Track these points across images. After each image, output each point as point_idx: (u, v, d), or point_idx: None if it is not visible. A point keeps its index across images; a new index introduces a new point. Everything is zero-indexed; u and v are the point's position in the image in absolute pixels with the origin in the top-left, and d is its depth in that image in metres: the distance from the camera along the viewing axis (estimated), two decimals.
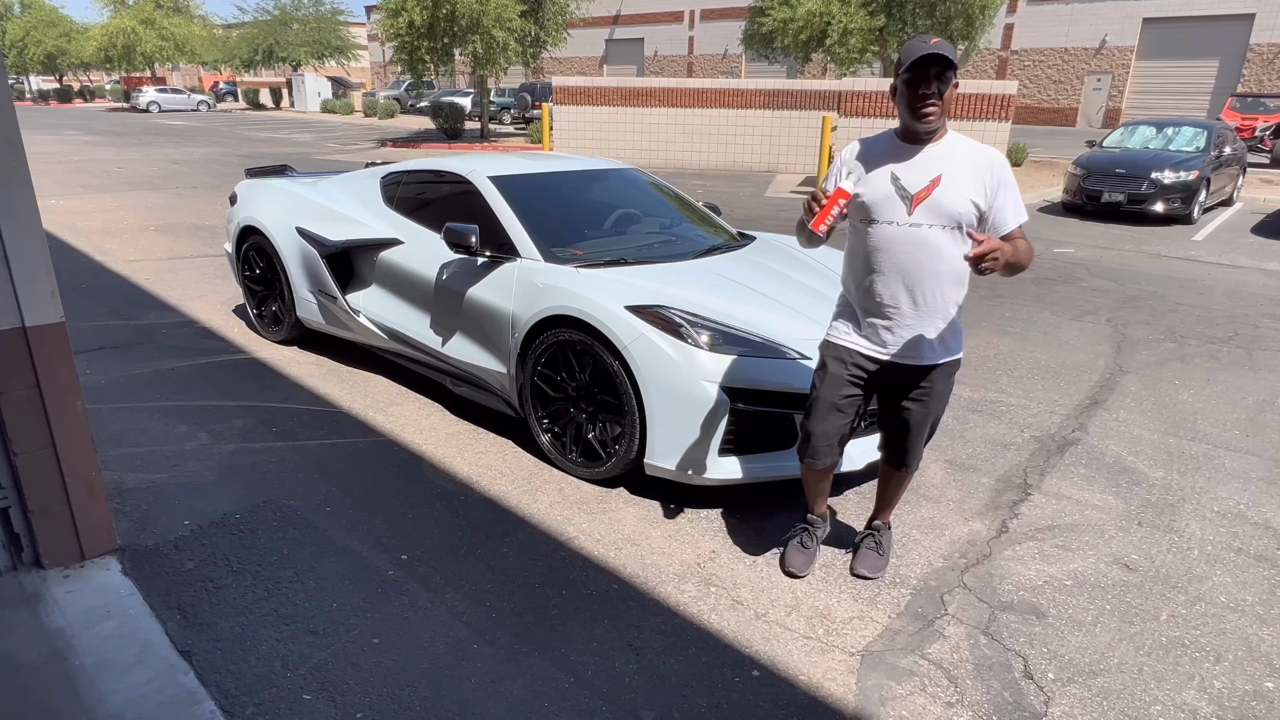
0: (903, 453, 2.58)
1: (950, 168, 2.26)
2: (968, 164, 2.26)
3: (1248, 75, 26.51)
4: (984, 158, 2.29)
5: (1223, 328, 5.80)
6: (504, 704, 2.10)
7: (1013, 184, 2.29)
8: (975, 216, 2.26)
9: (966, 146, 2.31)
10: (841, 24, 17.35)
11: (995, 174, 2.26)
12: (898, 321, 2.36)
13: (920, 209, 2.26)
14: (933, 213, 2.25)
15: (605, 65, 41.27)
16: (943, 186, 2.24)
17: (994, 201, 2.26)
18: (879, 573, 2.71)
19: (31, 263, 2.25)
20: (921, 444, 2.56)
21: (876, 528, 2.78)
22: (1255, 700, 2.19)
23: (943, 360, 2.40)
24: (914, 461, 2.59)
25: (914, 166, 2.28)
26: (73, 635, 2.21)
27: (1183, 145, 11.34)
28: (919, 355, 2.38)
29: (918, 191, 2.26)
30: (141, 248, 7.53)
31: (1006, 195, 2.27)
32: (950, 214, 2.25)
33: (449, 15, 18.68)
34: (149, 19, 42.68)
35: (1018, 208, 2.30)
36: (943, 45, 2.13)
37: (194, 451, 3.46)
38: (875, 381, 2.46)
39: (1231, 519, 3.16)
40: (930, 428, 2.53)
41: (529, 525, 2.97)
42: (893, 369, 2.42)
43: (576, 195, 4.38)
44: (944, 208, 2.24)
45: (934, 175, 2.26)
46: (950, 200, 2.24)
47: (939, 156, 2.27)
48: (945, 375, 2.44)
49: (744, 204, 11.68)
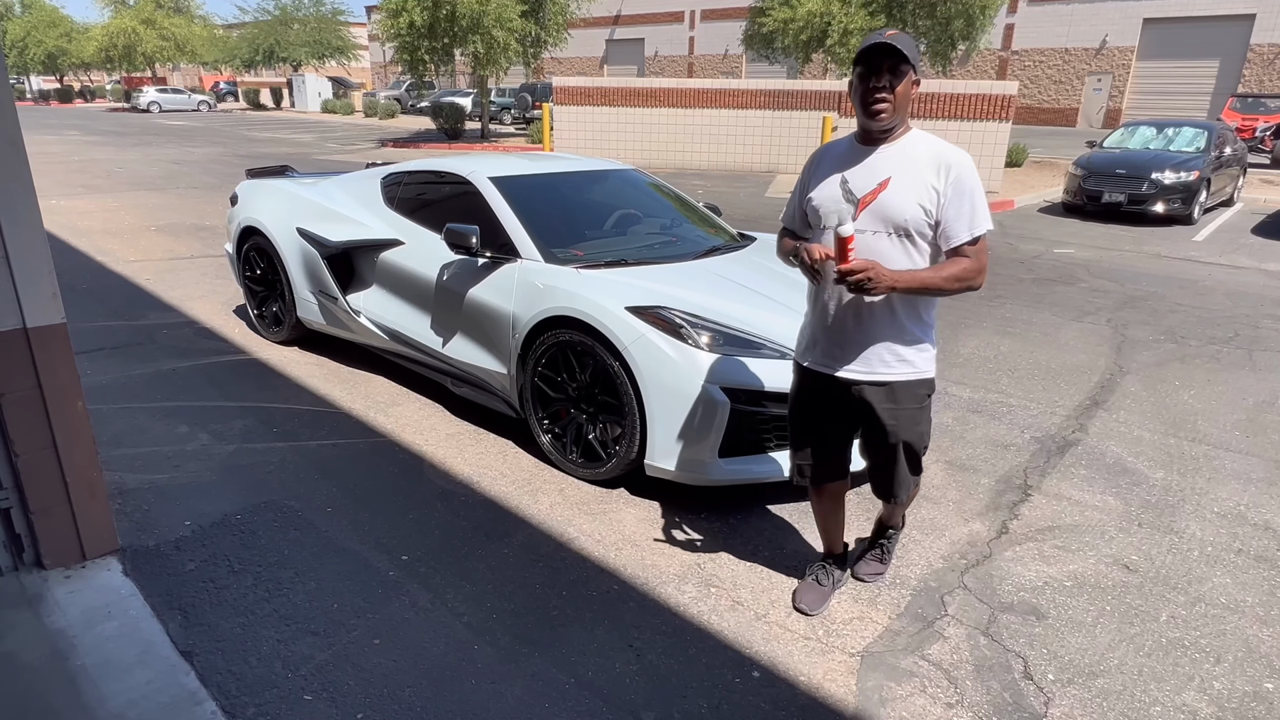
0: (883, 481, 2.39)
1: (902, 169, 2.06)
2: (922, 164, 2.05)
3: (1248, 76, 26.51)
4: (941, 158, 2.05)
5: (1223, 328, 5.80)
6: (504, 704, 2.10)
7: (970, 190, 2.04)
8: (927, 224, 2.06)
9: (926, 146, 2.08)
10: (842, 24, 17.36)
11: (951, 176, 2.03)
12: (844, 336, 2.18)
13: (865, 214, 2.07)
14: (877, 218, 2.06)
15: (606, 65, 41.28)
16: (890, 189, 2.05)
17: (945, 207, 2.04)
18: (879, 577, 2.68)
19: (33, 263, 2.25)
20: (900, 472, 2.32)
21: (883, 533, 2.71)
22: (1255, 701, 2.19)
23: (902, 377, 2.18)
24: (900, 491, 2.37)
25: (865, 169, 2.10)
26: (74, 636, 2.21)
27: (1183, 146, 11.35)
28: (869, 369, 2.18)
29: (864, 195, 2.08)
30: (142, 248, 7.54)
31: (960, 203, 2.03)
32: (895, 220, 2.05)
33: (449, 15, 18.68)
34: (149, 19, 42.71)
35: (973, 218, 2.04)
36: (899, 38, 1.98)
37: (195, 452, 3.46)
38: (839, 399, 2.27)
39: (1232, 520, 3.16)
40: (908, 455, 2.29)
41: (529, 526, 2.97)
42: (844, 386, 2.23)
43: (577, 196, 4.38)
44: (888, 213, 2.05)
45: (883, 177, 2.07)
46: (896, 204, 2.04)
47: (893, 157, 2.08)
48: (911, 395, 2.21)
49: (744, 204, 11.68)
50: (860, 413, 2.27)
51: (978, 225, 2.04)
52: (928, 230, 2.07)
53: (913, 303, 2.15)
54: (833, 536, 2.59)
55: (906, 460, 2.31)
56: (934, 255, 2.12)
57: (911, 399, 2.22)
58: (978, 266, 2.07)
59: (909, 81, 2.02)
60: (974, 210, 2.04)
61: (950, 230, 2.05)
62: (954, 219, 2.04)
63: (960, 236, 2.04)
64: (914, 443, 2.28)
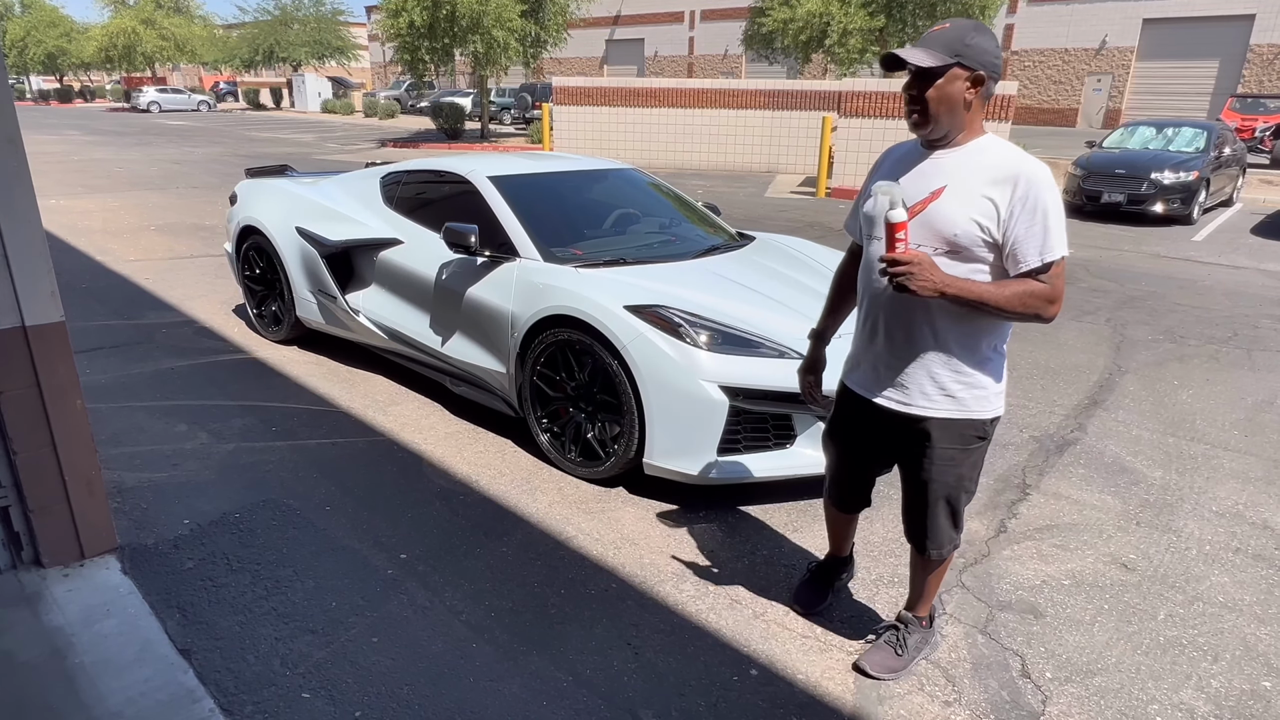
0: (913, 526, 2.14)
1: (960, 178, 1.81)
2: (984, 175, 1.79)
3: (1248, 76, 26.51)
4: (1008, 168, 1.78)
5: (1222, 328, 5.80)
6: (502, 702, 2.10)
7: (1044, 207, 1.75)
8: (982, 241, 1.79)
9: (993, 154, 1.81)
10: (841, 24, 17.37)
11: (1020, 191, 1.75)
12: (880, 359, 1.99)
13: (914, 225, 1.81)
14: (924, 231, 1.82)
15: (605, 65, 41.28)
16: (942, 200, 1.81)
17: (1011, 226, 1.76)
18: (890, 674, 2.22)
19: (32, 262, 2.25)
20: (933, 522, 2.07)
21: (904, 620, 2.29)
22: (1252, 699, 2.20)
23: (943, 414, 1.94)
24: (930, 545, 2.11)
25: (919, 174, 1.87)
26: (72, 634, 2.21)
27: (1182, 146, 11.35)
28: (906, 400, 1.97)
29: (914, 204, 1.84)
30: (142, 247, 7.54)
31: (1031, 222, 1.74)
32: (944, 233, 1.80)
33: (449, 15, 18.70)
34: (149, 19, 42.76)
35: (1046, 240, 1.75)
36: (915, 45, 1.80)
37: (194, 451, 3.46)
38: (877, 427, 2.08)
39: (1230, 519, 3.16)
40: (948, 503, 2.05)
41: (528, 524, 2.98)
42: (883, 415, 2.03)
43: (576, 195, 4.38)
44: (936, 226, 1.81)
45: (937, 186, 1.83)
46: (946, 217, 1.80)
47: (953, 165, 1.83)
48: (951, 436, 1.95)
49: (744, 204, 11.69)
50: (896, 445, 2.08)
51: (1050, 250, 1.75)
52: (984, 250, 1.80)
53: (969, 328, 1.87)
54: (840, 542, 2.55)
55: (943, 509, 2.06)
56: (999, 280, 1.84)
57: (952, 440, 1.96)
58: (1052, 294, 1.77)
59: (953, 80, 1.76)
60: (1046, 231, 1.75)
61: (1018, 253, 1.77)
62: (1022, 240, 1.76)
63: (1029, 261, 1.76)
64: (950, 492, 2.03)
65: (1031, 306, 1.77)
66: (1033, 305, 1.77)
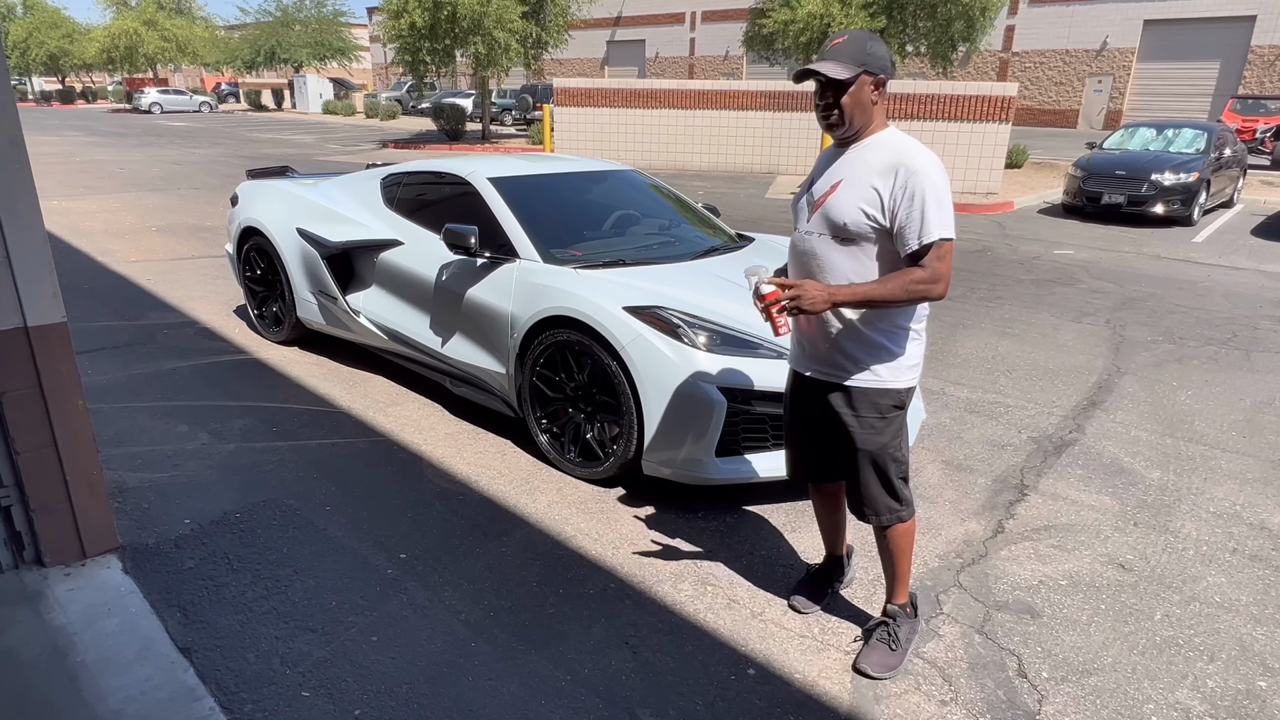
0: (852, 495, 2.25)
1: (855, 173, 2.01)
2: (872, 167, 1.98)
3: (1249, 77, 26.51)
4: (894, 160, 1.95)
5: (1221, 329, 5.81)
6: (501, 701, 2.11)
7: (927, 193, 1.90)
8: (870, 228, 1.97)
9: (886, 148, 1.99)
10: (842, 26, 17.35)
11: (900, 180, 1.92)
12: (805, 336, 2.19)
13: (815, 216, 2.06)
14: (823, 220, 2.03)
15: (606, 67, 41.31)
16: (838, 192, 2.01)
17: (896, 213, 1.93)
18: (890, 671, 2.25)
19: (34, 263, 2.27)
20: (866, 487, 2.18)
21: (891, 614, 2.34)
22: (1248, 699, 2.20)
23: (860, 384, 2.10)
24: (869, 510, 2.21)
25: (831, 171, 2.08)
26: (74, 633, 2.22)
27: (1183, 147, 11.36)
28: (830, 371, 2.13)
29: (819, 197, 2.06)
30: (143, 248, 7.56)
31: (910, 208, 1.91)
32: (835, 222, 2.00)
33: (450, 16, 18.72)
34: (151, 20, 42.83)
35: (922, 225, 1.91)
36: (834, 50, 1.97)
37: (195, 451, 3.48)
38: (814, 400, 2.22)
39: (1227, 519, 3.17)
40: (874, 468, 2.15)
41: (527, 525, 2.99)
42: (813, 386, 2.20)
43: (576, 196, 4.39)
44: (831, 216, 2.01)
45: (836, 180, 2.03)
46: (839, 207, 1.99)
47: (853, 160, 2.03)
48: (869, 404, 2.10)
49: (744, 205, 11.70)
50: (828, 414, 2.19)
51: (928, 233, 1.90)
52: (872, 235, 1.98)
53: (870, 313, 2.06)
54: (831, 539, 2.57)
55: (874, 474, 2.17)
56: (892, 262, 2.00)
57: (870, 409, 2.11)
58: (930, 276, 1.92)
59: (862, 86, 1.96)
60: (924, 217, 1.90)
61: (902, 235, 1.94)
62: (904, 224, 1.93)
63: (909, 244, 1.93)
64: (877, 456, 2.14)
65: (916, 292, 1.94)
66: (916, 291, 1.94)
